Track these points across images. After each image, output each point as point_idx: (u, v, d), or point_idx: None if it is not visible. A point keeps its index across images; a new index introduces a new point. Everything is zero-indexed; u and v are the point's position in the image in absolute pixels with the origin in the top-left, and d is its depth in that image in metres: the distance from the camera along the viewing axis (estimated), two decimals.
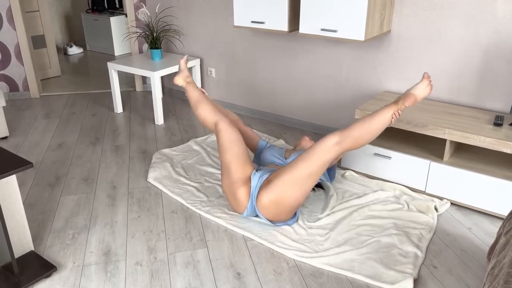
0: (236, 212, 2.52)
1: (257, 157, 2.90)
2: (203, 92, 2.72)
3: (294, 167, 2.24)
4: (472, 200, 2.56)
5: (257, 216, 2.49)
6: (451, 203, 2.66)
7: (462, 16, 2.76)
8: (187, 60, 2.67)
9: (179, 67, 2.78)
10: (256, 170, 2.41)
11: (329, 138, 2.22)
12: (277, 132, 3.71)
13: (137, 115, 4.10)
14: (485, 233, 2.41)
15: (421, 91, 2.32)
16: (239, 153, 2.41)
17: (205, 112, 2.55)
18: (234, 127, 2.48)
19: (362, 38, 2.75)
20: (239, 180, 2.37)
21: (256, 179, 2.35)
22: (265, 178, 2.34)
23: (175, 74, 4.52)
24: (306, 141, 2.91)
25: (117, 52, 6.43)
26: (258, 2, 3.12)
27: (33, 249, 2.22)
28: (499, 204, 2.48)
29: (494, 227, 2.46)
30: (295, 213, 2.44)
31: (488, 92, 2.81)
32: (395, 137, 2.95)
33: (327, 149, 2.21)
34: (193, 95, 2.64)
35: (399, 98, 2.31)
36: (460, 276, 2.09)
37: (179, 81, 2.75)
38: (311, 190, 2.70)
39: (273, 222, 2.41)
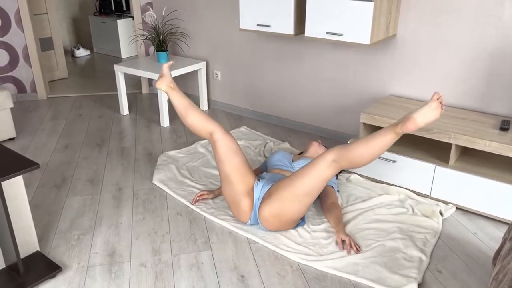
0: (238, 218, 2.52)
1: (263, 166, 2.90)
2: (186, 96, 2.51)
3: (293, 183, 2.19)
4: (478, 205, 2.55)
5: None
6: (456, 208, 2.65)
7: (468, 20, 2.75)
8: (170, 65, 2.47)
9: (161, 71, 2.50)
10: (258, 180, 2.40)
11: (327, 155, 2.14)
12: (282, 135, 3.71)
13: (143, 117, 4.12)
14: (490, 238, 2.39)
15: (425, 115, 2.02)
16: (239, 164, 2.35)
17: (197, 121, 2.40)
18: (230, 136, 2.40)
19: (368, 42, 2.75)
20: (242, 192, 2.35)
21: (259, 191, 2.34)
22: (266, 190, 2.33)
23: (181, 76, 4.54)
24: (314, 147, 2.90)
25: (123, 55, 6.47)
26: (264, 5, 3.13)
27: (38, 249, 2.24)
28: (504, 209, 2.46)
29: (499, 232, 2.44)
30: (303, 219, 2.44)
31: (494, 97, 2.80)
32: (400, 141, 2.94)
33: (324, 167, 2.14)
34: (179, 102, 2.44)
35: (400, 120, 2.09)
36: (465, 281, 2.08)
37: (161, 85, 2.47)
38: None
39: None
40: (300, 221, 2.43)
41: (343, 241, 2.28)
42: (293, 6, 3.01)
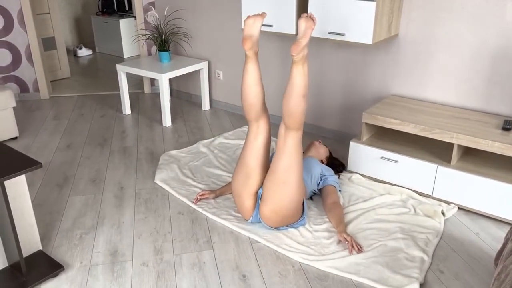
0: (241, 217, 2.52)
1: None
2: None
3: (271, 171, 2.24)
4: (480, 205, 2.54)
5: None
6: (458, 208, 2.65)
7: (470, 20, 2.75)
8: (264, 17, 2.17)
9: (251, 27, 2.18)
10: None
11: (279, 131, 2.22)
12: None
13: (145, 117, 4.12)
14: (492, 238, 2.39)
15: (301, 32, 2.06)
16: (266, 164, 2.36)
17: (258, 101, 2.27)
18: (270, 134, 2.38)
19: (370, 42, 2.75)
20: (252, 191, 2.36)
21: (260, 192, 2.36)
22: None
23: (183, 76, 4.54)
24: (315, 146, 2.91)
25: (126, 54, 6.48)
26: (266, 5, 3.14)
27: (41, 248, 2.24)
28: (506, 209, 2.46)
29: (501, 232, 2.44)
30: (303, 217, 2.44)
31: (496, 96, 2.80)
32: (402, 141, 2.94)
33: (282, 138, 2.20)
34: (254, 73, 2.24)
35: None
36: (467, 281, 2.08)
37: (249, 47, 2.18)
38: (310, 199, 2.71)
39: (280, 228, 2.41)
40: (301, 220, 2.43)
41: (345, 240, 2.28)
42: (295, 6, 3.01)
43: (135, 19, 4.77)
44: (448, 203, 2.66)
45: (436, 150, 2.81)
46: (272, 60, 3.78)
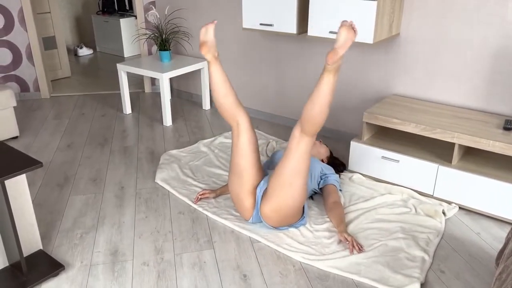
0: (241, 217, 2.52)
1: (265, 165, 2.90)
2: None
3: (278, 172, 2.21)
4: (481, 205, 2.54)
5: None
6: (460, 208, 2.64)
7: (471, 20, 2.74)
8: (215, 24, 2.20)
9: (205, 34, 2.23)
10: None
11: (293, 132, 2.19)
12: (285, 134, 3.71)
13: (146, 117, 4.12)
14: (494, 238, 2.39)
15: (340, 41, 1.95)
16: (254, 162, 2.34)
17: (230, 104, 2.29)
18: (254, 132, 2.36)
19: (371, 41, 2.75)
20: (247, 191, 2.35)
21: (259, 190, 2.35)
22: (265, 189, 2.34)
23: (183, 75, 4.54)
24: (316, 146, 2.91)
25: (126, 54, 6.48)
26: (266, 4, 3.13)
27: (41, 248, 2.24)
28: (507, 209, 2.45)
29: (502, 232, 2.43)
30: (303, 217, 2.44)
31: (497, 96, 2.79)
32: (403, 141, 2.94)
33: (296, 142, 2.16)
34: (219, 77, 2.27)
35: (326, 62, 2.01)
36: (468, 281, 2.08)
37: (207, 53, 2.22)
38: (310, 198, 2.71)
39: (280, 228, 2.41)
40: (301, 219, 2.43)
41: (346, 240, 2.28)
42: (296, 5, 3.01)
43: (136, 18, 4.77)
44: (449, 202, 2.65)
45: (437, 150, 2.80)
46: (272, 60, 3.78)
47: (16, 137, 3.65)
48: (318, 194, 2.76)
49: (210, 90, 4.37)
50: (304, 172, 2.20)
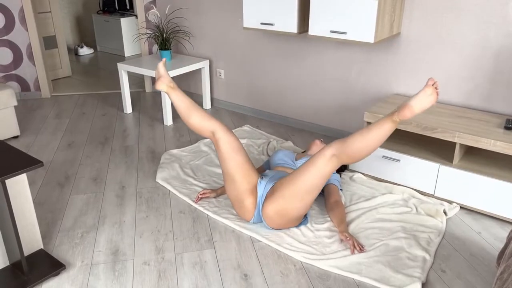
0: (242, 218, 2.52)
1: (266, 164, 2.90)
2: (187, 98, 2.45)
3: (294, 181, 2.18)
4: (482, 204, 2.54)
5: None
6: (461, 207, 2.64)
7: (473, 19, 2.74)
8: (164, 62, 2.41)
9: (158, 72, 2.42)
10: (262, 177, 2.40)
11: (326, 150, 2.13)
12: (285, 134, 3.71)
13: (146, 116, 4.12)
14: (495, 238, 2.38)
15: (421, 102, 1.98)
16: (242, 162, 2.34)
17: (200, 121, 2.37)
18: (232, 134, 2.38)
19: (371, 41, 2.74)
20: (245, 190, 2.35)
21: (262, 188, 2.34)
22: (270, 188, 2.33)
23: (184, 74, 4.54)
24: (317, 145, 2.90)
25: (127, 53, 6.48)
26: (267, 3, 3.13)
27: (42, 247, 2.24)
28: (509, 208, 2.45)
29: (504, 232, 2.43)
30: (305, 218, 2.43)
31: (499, 95, 2.79)
32: (404, 140, 2.93)
33: (324, 163, 2.12)
34: (180, 102, 2.39)
35: (397, 108, 2.04)
36: (469, 281, 2.07)
37: (161, 86, 2.39)
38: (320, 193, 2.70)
39: (281, 228, 2.41)
40: (303, 220, 2.43)
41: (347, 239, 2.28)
42: (297, 4, 3.00)
43: (136, 17, 4.77)
44: (450, 202, 2.65)
45: (438, 149, 2.80)
46: (273, 59, 3.77)
47: (16, 137, 3.65)
48: (319, 194, 2.76)
49: (210, 90, 4.37)
50: (318, 190, 2.21)
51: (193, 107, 2.39)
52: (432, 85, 2.01)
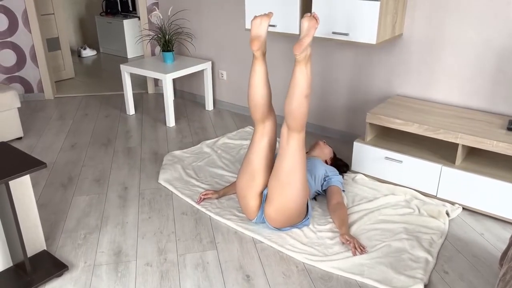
0: (245, 217, 2.52)
1: None
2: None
3: (274, 171, 2.24)
4: (484, 206, 2.53)
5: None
6: (463, 208, 2.64)
7: (475, 20, 2.74)
8: (271, 16, 2.16)
9: (257, 26, 2.16)
10: None
11: (281, 130, 2.20)
12: None
13: (149, 117, 4.13)
14: (497, 239, 2.38)
15: (304, 31, 2.04)
16: (271, 163, 2.35)
17: (264, 101, 2.26)
18: (276, 135, 2.38)
19: (374, 42, 2.74)
20: (257, 191, 2.35)
21: (265, 191, 2.35)
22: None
23: (187, 76, 4.54)
24: (320, 146, 2.90)
25: (130, 55, 6.49)
26: (270, 5, 3.13)
27: (45, 248, 2.25)
28: (511, 209, 2.45)
29: (506, 233, 2.43)
30: (307, 217, 2.44)
31: (501, 96, 2.79)
32: (407, 141, 2.93)
33: (285, 139, 2.18)
34: (262, 74, 2.22)
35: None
36: (472, 282, 2.07)
37: (257, 49, 2.16)
38: (313, 199, 2.70)
39: (283, 228, 2.41)
40: (305, 220, 2.43)
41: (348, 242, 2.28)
42: (299, 6, 3.01)
43: (139, 19, 4.78)
44: (453, 203, 2.65)
45: (441, 150, 2.80)
46: (277, 60, 3.78)
47: (20, 138, 3.67)
48: (321, 195, 2.76)
49: (212, 91, 4.37)
50: (301, 168, 2.20)
51: (269, 88, 2.29)
52: (308, 15, 2.08)
